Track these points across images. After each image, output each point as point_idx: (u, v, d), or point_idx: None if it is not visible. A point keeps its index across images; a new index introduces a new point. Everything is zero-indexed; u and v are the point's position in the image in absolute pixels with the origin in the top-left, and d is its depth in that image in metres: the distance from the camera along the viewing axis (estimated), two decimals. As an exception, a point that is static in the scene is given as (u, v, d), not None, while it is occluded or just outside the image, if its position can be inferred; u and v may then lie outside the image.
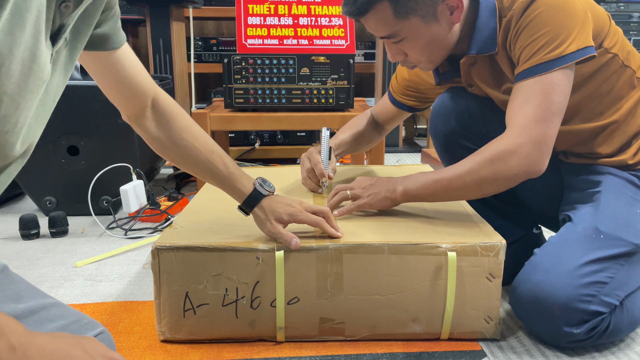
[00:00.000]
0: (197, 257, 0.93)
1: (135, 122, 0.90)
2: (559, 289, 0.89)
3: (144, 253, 1.44)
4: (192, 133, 0.92)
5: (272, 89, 1.85)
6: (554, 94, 0.94)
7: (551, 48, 0.93)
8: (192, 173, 0.97)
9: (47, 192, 1.72)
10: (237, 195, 0.96)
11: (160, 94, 0.91)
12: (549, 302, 0.90)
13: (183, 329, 0.96)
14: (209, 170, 0.94)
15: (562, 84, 0.94)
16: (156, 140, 0.91)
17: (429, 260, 0.94)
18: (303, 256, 0.93)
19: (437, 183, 1.00)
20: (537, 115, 0.93)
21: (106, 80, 0.82)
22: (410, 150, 2.96)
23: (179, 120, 0.92)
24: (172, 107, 0.92)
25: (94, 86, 1.64)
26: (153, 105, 0.90)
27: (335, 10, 1.99)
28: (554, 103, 0.94)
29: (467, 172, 0.97)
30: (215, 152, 0.93)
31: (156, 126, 0.91)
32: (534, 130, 0.93)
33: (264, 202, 0.95)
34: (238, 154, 2.52)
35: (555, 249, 0.96)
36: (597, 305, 0.90)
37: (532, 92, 0.95)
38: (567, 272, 0.90)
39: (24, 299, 0.70)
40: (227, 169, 0.94)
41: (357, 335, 0.98)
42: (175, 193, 1.87)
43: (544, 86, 0.94)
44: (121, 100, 0.87)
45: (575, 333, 0.90)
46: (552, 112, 0.94)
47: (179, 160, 0.94)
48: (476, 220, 1.06)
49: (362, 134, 1.38)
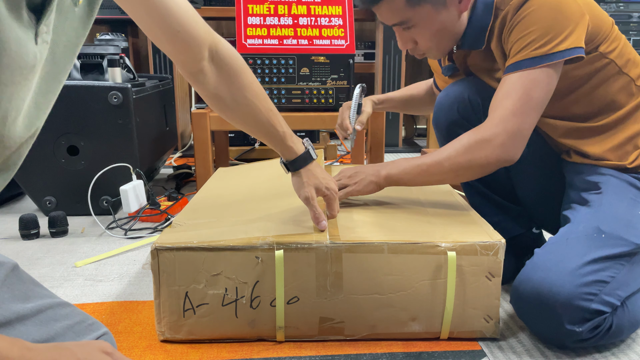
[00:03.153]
0: (197, 257, 0.93)
1: (193, 77, 0.83)
2: (561, 286, 0.89)
3: (143, 253, 1.44)
4: (254, 91, 0.87)
5: (272, 89, 1.85)
6: (534, 90, 0.97)
7: (539, 45, 0.96)
8: (246, 131, 0.96)
9: (47, 192, 1.72)
10: (288, 153, 0.96)
11: (220, 44, 0.84)
12: (551, 300, 0.89)
13: (183, 328, 0.96)
14: (266, 130, 0.92)
15: (545, 81, 0.98)
16: (215, 98, 0.85)
17: (429, 260, 0.94)
18: (303, 255, 0.93)
19: (417, 168, 1.05)
20: (516, 108, 0.97)
21: (150, 27, 0.74)
22: (410, 150, 2.96)
23: (242, 76, 0.85)
24: (234, 61, 0.85)
25: (94, 86, 1.64)
26: (212, 57, 0.83)
27: (335, 10, 1.99)
28: (533, 98, 0.98)
29: (445, 158, 1.02)
30: (273, 110, 0.92)
31: (217, 82, 0.84)
32: (510, 122, 0.98)
33: (310, 165, 0.97)
34: (238, 154, 2.53)
35: (557, 247, 0.96)
36: (599, 304, 0.89)
37: (514, 85, 0.98)
38: (568, 270, 0.90)
39: (32, 299, 0.70)
40: (282, 128, 0.94)
41: (356, 335, 0.98)
42: (175, 193, 1.87)
43: (527, 81, 0.98)
44: (173, 53, 0.79)
45: (578, 331, 0.89)
46: (530, 107, 0.98)
47: (237, 120, 0.91)
48: (475, 219, 1.06)
49: (414, 97, 1.46)
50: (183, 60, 0.81)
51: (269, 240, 0.93)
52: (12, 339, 0.53)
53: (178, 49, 0.78)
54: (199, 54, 0.80)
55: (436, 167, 1.03)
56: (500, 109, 0.99)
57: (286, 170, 1.00)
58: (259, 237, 0.95)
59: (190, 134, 2.83)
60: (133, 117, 1.67)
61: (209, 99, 0.87)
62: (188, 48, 0.78)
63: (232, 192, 1.29)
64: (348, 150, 2.93)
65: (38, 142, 1.67)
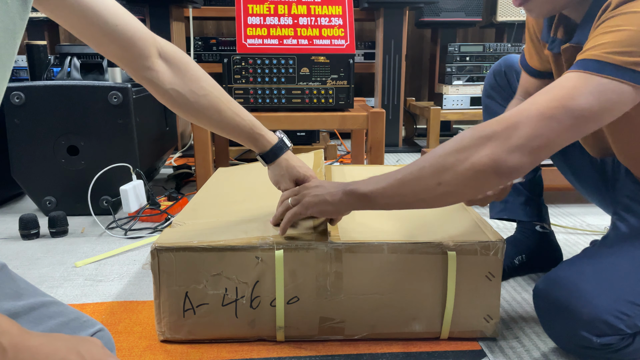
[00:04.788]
0: (197, 257, 0.93)
1: (143, 75, 0.82)
2: (597, 296, 0.83)
3: (143, 253, 1.44)
4: (209, 82, 0.86)
5: (272, 89, 1.85)
6: (594, 100, 0.71)
7: (626, 51, 0.70)
8: (212, 127, 0.91)
9: (47, 192, 1.72)
10: (260, 143, 0.93)
11: (164, 43, 0.84)
12: (579, 304, 0.84)
13: (183, 329, 0.96)
14: (232, 120, 0.89)
15: (613, 99, 0.71)
16: (172, 92, 0.84)
17: (429, 259, 0.94)
18: (303, 255, 0.93)
19: (389, 177, 0.81)
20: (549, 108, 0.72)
21: (88, 30, 0.73)
22: (410, 150, 2.96)
23: (193, 69, 0.84)
24: (181, 56, 0.84)
25: (94, 86, 1.64)
26: (160, 54, 0.82)
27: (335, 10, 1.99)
28: (580, 106, 0.71)
29: (429, 156, 0.78)
30: (233, 101, 0.89)
31: (170, 77, 0.83)
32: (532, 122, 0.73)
33: (287, 155, 0.94)
34: (238, 154, 2.52)
35: (606, 256, 0.90)
36: (627, 327, 0.84)
37: (564, 82, 0.73)
38: (610, 282, 0.84)
39: (24, 297, 0.70)
40: (248, 117, 0.91)
41: (357, 335, 0.98)
42: (175, 193, 1.87)
43: (586, 84, 0.71)
44: (116, 52, 0.78)
45: (592, 340, 0.85)
46: (570, 114, 0.72)
47: (200, 115, 0.88)
48: (475, 219, 1.06)
49: None
50: (128, 59, 0.79)
51: (269, 240, 0.93)
52: (12, 320, 0.52)
53: (121, 45, 0.77)
54: (145, 49, 0.79)
55: (416, 173, 0.78)
56: (526, 104, 0.74)
57: (264, 163, 0.96)
58: (259, 237, 0.95)
59: (190, 134, 2.83)
60: (133, 117, 1.67)
61: (166, 97, 0.84)
62: (130, 45, 0.77)
63: (232, 192, 1.29)
64: (348, 150, 2.93)
65: (38, 141, 1.67)
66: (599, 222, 1.69)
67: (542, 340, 0.99)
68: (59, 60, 1.80)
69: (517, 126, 0.72)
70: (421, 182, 0.77)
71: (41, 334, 0.55)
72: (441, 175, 0.75)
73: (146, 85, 0.84)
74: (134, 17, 0.79)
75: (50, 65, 1.80)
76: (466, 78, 2.91)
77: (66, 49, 1.79)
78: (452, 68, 2.88)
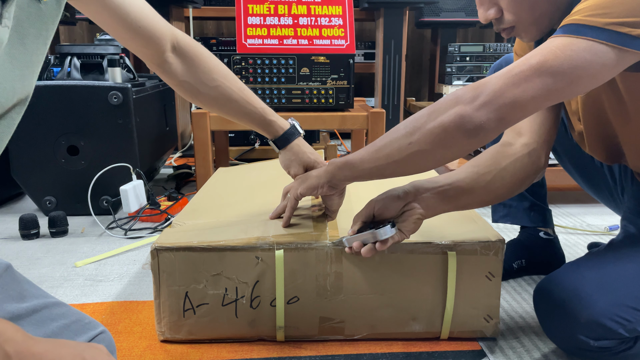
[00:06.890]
0: (197, 257, 0.93)
1: (160, 68, 0.88)
2: (596, 300, 0.82)
3: (143, 253, 1.44)
4: (221, 72, 0.91)
5: (272, 89, 1.85)
6: (569, 62, 0.69)
7: (607, 13, 0.68)
8: (225, 114, 0.96)
9: (47, 192, 1.72)
10: (272, 128, 0.96)
11: (180, 36, 0.89)
12: (578, 307, 0.83)
13: (183, 328, 0.96)
14: (244, 108, 0.93)
15: (591, 60, 0.69)
16: (185, 84, 0.89)
17: (429, 259, 0.94)
18: (302, 255, 0.93)
19: (370, 145, 0.82)
20: (521, 71, 0.71)
21: (114, 27, 0.80)
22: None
23: (205, 61, 0.89)
24: (195, 48, 0.89)
25: (94, 86, 1.64)
26: (174, 48, 0.88)
27: (335, 10, 1.99)
28: (553, 67, 0.70)
29: (405, 120, 0.79)
30: (245, 89, 0.93)
31: (183, 70, 0.88)
32: (501, 81, 0.72)
33: (298, 140, 0.97)
34: (238, 154, 2.52)
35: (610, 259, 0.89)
36: (626, 331, 0.83)
37: (541, 50, 0.72)
38: (612, 286, 0.83)
39: (27, 298, 0.70)
40: (260, 104, 0.95)
41: (356, 335, 0.98)
42: (175, 193, 1.87)
43: (561, 48, 0.70)
44: (137, 48, 0.85)
45: (591, 344, 0.84)
46: (542, 73, 0.70)
47: (212, 103, 0.92)
48: (475, 218, 1.06)
49: None
50: (147, 54, 0.86)
51: (269, 240, 0.93)
52: (16, 326, 0.53)
53: (141, 44, 0.84)
54: (162, 46, 0.86)
55: (392, 134, 0.79)
56: (502, 70, 0.73)
57: (276, 148, 0.99)
58: (259, 237, 0.95)
59: (190, 134, 2.83)
60: (133, 117, 1.67)
61: (179, 87, 0.90)
62: (151, 42, 0.84)
63: (232, 192, 1.29)
64: (348, 150, 2.93)
65: (38, 141, 1.67)
66: (599, 222, 1.69)
67: (542, 340, 0.99)
68: (59, 60, 1.80)
69: (486, 84, 0.72)
70: (394, 143, 0.79)
71: (46, 340, 0.55)
72: (412, 135, 0.76)
73: (161, 75, 0.90)
74: (156, 15, 0.85)
75: (50, 65, 1.80)
76: (466, 78, 2.91)
77: (66, 49, 1.79)
78: (452, 68, 2.88)
